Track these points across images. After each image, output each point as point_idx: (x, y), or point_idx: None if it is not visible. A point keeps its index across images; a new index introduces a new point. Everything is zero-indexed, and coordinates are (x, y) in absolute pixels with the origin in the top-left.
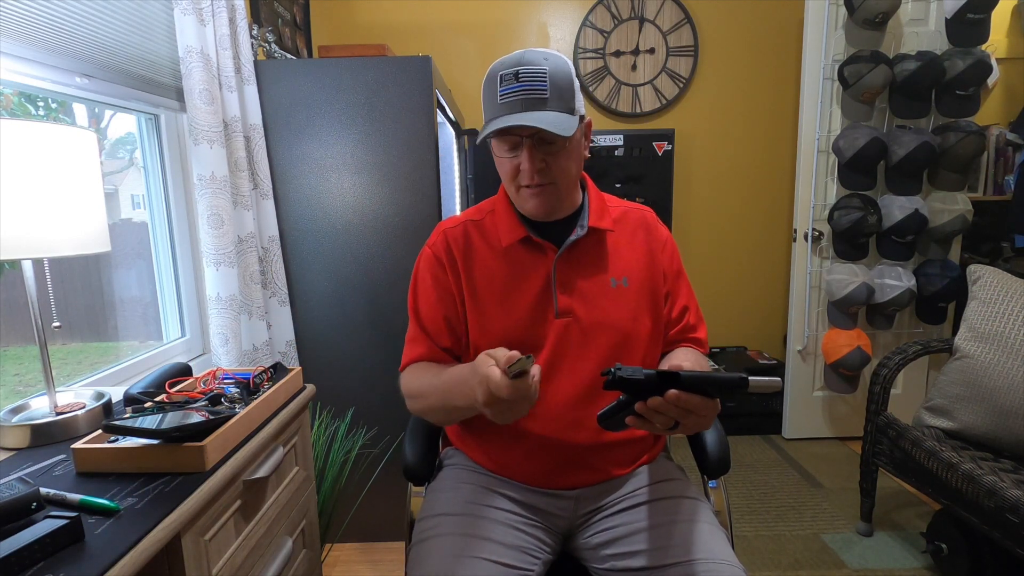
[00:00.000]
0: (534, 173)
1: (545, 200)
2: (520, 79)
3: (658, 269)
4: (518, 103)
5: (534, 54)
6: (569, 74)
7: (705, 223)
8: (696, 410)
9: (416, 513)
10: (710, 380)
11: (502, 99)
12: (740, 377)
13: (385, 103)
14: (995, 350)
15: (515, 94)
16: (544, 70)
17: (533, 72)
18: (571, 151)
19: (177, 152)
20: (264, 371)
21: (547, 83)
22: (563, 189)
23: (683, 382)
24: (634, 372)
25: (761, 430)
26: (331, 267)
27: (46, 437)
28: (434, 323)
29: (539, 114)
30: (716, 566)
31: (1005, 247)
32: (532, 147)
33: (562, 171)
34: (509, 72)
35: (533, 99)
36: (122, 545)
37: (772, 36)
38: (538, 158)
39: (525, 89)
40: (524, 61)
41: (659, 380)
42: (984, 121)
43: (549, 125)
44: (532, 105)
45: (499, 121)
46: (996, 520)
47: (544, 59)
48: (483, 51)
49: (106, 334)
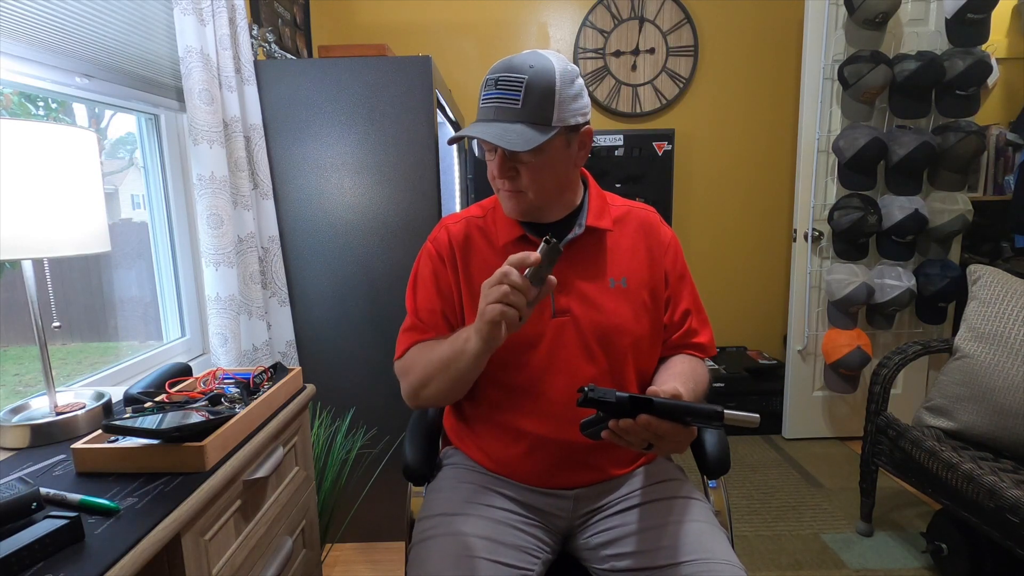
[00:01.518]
0: (503, 179)
1: (518, 204)
2: (498, 86)
3: (659, 271)
4: (491, 110)
5: (525, 59)
6: (551, 84)
7: (705, 223)
8: (668, 436)
9: (416, 513)
10: (683, 409)
11: (482, 103)
12: (715, 410)
13: (385, 103)
14: (995, 350)
15: (491, 101)
16: (521, 79)
17: (510, 81)
18: (543, 163)
19: (177, 152)
20: (264, 371)
21: (520, 93)
22: (536, 198)
23: (656, 409)
24: (605, 394)
25: (761, 430)
26: (331, 267)
27: (46, 437)
28: (431, 316)
29: (502, 126)
30: (716, 566)
31: (1005, 247)
32: (503, 154)
33: (532, 182)
34: (492, 78)
35: (504, 108)
36: (122, 545)
37: (772, 36)
38: (508, 166)
39: (498, 97)
40: (509, 67)
41: (631, 404)
42: (984, 121)
43: (500, 140)
44: (502, 115)
45: (469, 127)
46: (996, 520)
47: (530, 67)
48: (483, 51)
49: (106, 334)
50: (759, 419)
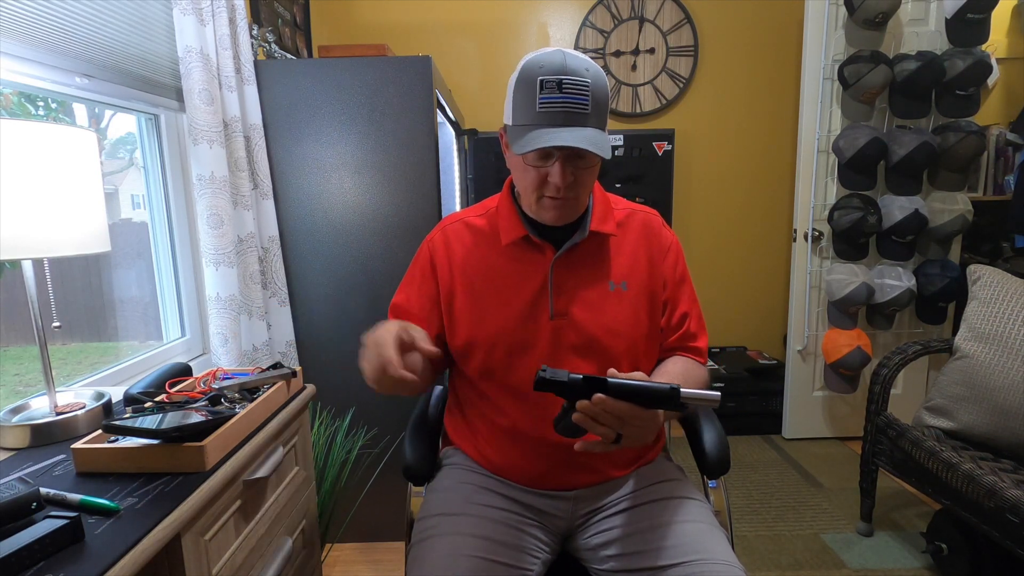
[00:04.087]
0: (563, 187)
1: (567, 211)
2: (564, 89)
3: (658, 275)
4: (560, 115)
5: (577, 61)
6: (607, 88)
7: (705, 223)
8: (627, 419)
9: (416, 513)
10: (637, 388)
11: (542, 107)
12: (671, 387)
13: (385, 103)
14: (995, 350)
15: (557, 104)
16: (587, 83)
17: (577, 84)
18: (595, 168)
19: (177, 152)
20: (264, 371)
21: (589, 98)
22: (584, 201)
23: (610, 389)
24: (556, 374)
25: (761, 430)
26: (331, 267)
27: (46, 437)
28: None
29: (581, 131)
30: (715, 566)
31: (1005, 247)
32: (564, 161)
33: (587, 185)
34: (552, 80)
35: (575, 113)
36: (122, 545)
37: (772, 36)
38: (568, 172)
39: (567, 102)
40: (568, 70)
41: (585, 384)
42: (984, 121)
43: (592, 146)
44: (573, 119)
45: (542, 135)
46: (996, 520)
47: (586, 69)
48: (483, 51)
49: (106, 334)
50: (719, 397)
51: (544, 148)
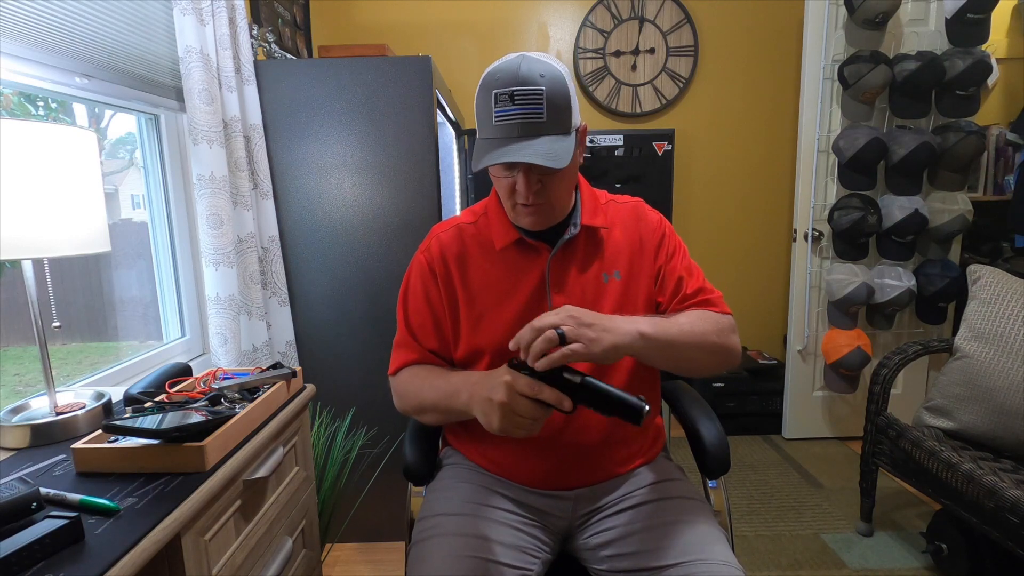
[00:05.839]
0: (529, 195)
1: (540, 217)
2: (516, 101)
3: (648, 255)
4: (514, 127)
5: (530, 68)
6: (566, 91)
7: (705, 223)
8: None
9: (416, 513)
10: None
11: (497, 120)
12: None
13: (385, 103)
14: (995, 350)
15: (511, 117)
16: (540, 91)
17: (529, 95)
18: (565, 172)
19: (177, 152)
20: (264, 371)
21: (543, 106)
22: (557, 205)
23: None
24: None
25: (761, 430)
26: (331, 267)
27: (46, 437)
28: (422, 328)
29: (535, 143)
30: (714, 567)
31: (1005, 247)
32: (527, 171)
33: (556, 191)
34: (504, 93)
35: (528, 123)
36: (122, 545)
37: (772, 36)
38: (534, 180)
39: (520, 113)
40: (520, 80)
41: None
42: (984, 121)
43: (544, 159)
44: (528, 130)
45: (495, 152)
46: (996, 520)
47: (540, 76)
48: (483, 51)
49: (106, 334)
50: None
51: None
